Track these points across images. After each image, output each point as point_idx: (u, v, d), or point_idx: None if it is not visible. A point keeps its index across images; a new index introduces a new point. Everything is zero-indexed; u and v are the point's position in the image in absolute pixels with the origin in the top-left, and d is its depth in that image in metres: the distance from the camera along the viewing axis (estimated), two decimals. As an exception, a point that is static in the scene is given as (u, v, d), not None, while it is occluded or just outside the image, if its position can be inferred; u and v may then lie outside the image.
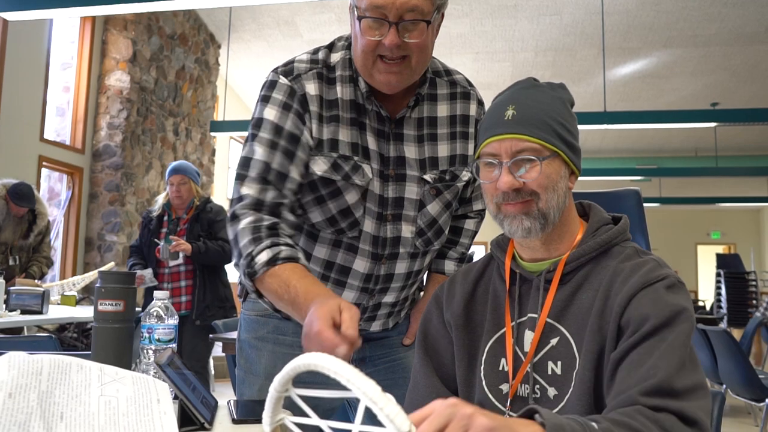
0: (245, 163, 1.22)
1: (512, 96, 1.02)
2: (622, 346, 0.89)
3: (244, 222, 1.16)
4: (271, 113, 1.23)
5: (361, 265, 1.29)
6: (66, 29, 5.64)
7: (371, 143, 1.26)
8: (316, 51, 1.29)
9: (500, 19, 6.69)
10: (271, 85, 1.26)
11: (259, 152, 1.21)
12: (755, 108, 7.56)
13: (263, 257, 1.12)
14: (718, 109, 8.27)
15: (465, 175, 1.33)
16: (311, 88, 1.24)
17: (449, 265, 1.45)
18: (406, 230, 1.30)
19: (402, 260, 1.32)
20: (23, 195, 3.80)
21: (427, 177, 1.29)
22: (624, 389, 0.84)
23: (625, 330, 0.90)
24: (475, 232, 1.48)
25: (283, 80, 1.24)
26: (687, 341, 0.88)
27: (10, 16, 3.81)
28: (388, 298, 1.35)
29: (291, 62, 1.28)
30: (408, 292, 1.39)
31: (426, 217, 1.31)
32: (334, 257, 1.29)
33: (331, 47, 1.30)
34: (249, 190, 1.19)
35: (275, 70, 1.28)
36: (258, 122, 1.25)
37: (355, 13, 1.16)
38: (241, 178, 1.21)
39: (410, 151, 1.28)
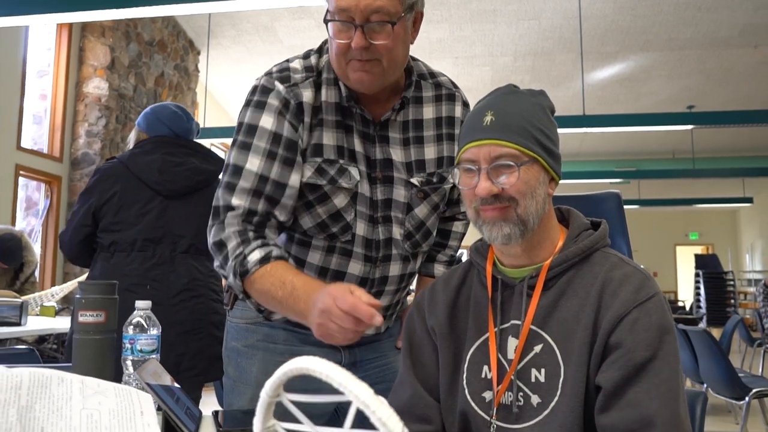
0: (236, 171, 1.19)
1: (491, 102, 1.02)
2: (615, 374, 0.90)
3: (232, 229, 1.18)
4: (267, 121, 1.20)
5: (355, 268, 1.28)
6: (42, 36, 5.56)
7: (357, 146, 1.25)
8: (307, 56, 1.28)
9: (479, 24, 6.72)
10: (265, 90, 1.22)
11: (255, 163, 1.19)
12: (730, 110, 7.69)
13: (256, 255, 1.14)
14: (694, 112, 8.39)
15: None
16: (308, 96, 1.23)
17: (438, 269, 1.45)
18: (396, 232, 1.30)
19: (395, 262, 1.31)
20: (8, 253, 3.57)
21: (414, 180, 1.29)
22: None
23: (614, 350, 0.92)
24: (464, 234, 1.48)
25: (279, 86, 1.22)
26: (676, 363, 0.91)
27: (-15, 23, 3.74)
28: (383, 302, 1.35)
29: (286, 69, 1.25)
30: (401, 295, 1.40)
31: (414, 220, 1.31)
32: (328, 263, 1.28)
33: (320, 51, 1.29)
34: (240, 201, 1.18)
35: (269, 75, 1.24)
36: (251, 129, 1.21)
37: (327, 16, 1.16)
38: (230, 187, 1.19)
39: (396, 154, 1.28)
